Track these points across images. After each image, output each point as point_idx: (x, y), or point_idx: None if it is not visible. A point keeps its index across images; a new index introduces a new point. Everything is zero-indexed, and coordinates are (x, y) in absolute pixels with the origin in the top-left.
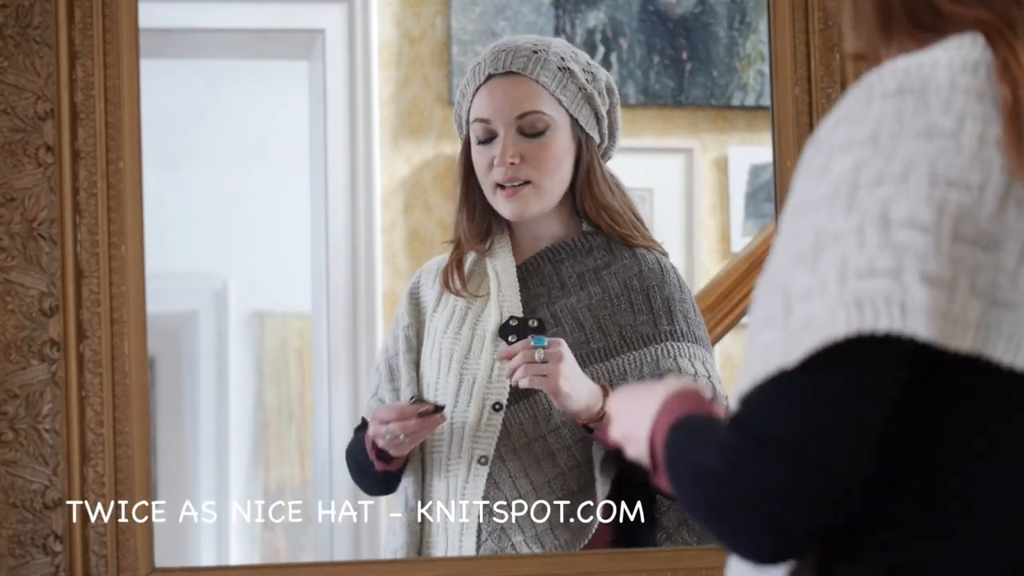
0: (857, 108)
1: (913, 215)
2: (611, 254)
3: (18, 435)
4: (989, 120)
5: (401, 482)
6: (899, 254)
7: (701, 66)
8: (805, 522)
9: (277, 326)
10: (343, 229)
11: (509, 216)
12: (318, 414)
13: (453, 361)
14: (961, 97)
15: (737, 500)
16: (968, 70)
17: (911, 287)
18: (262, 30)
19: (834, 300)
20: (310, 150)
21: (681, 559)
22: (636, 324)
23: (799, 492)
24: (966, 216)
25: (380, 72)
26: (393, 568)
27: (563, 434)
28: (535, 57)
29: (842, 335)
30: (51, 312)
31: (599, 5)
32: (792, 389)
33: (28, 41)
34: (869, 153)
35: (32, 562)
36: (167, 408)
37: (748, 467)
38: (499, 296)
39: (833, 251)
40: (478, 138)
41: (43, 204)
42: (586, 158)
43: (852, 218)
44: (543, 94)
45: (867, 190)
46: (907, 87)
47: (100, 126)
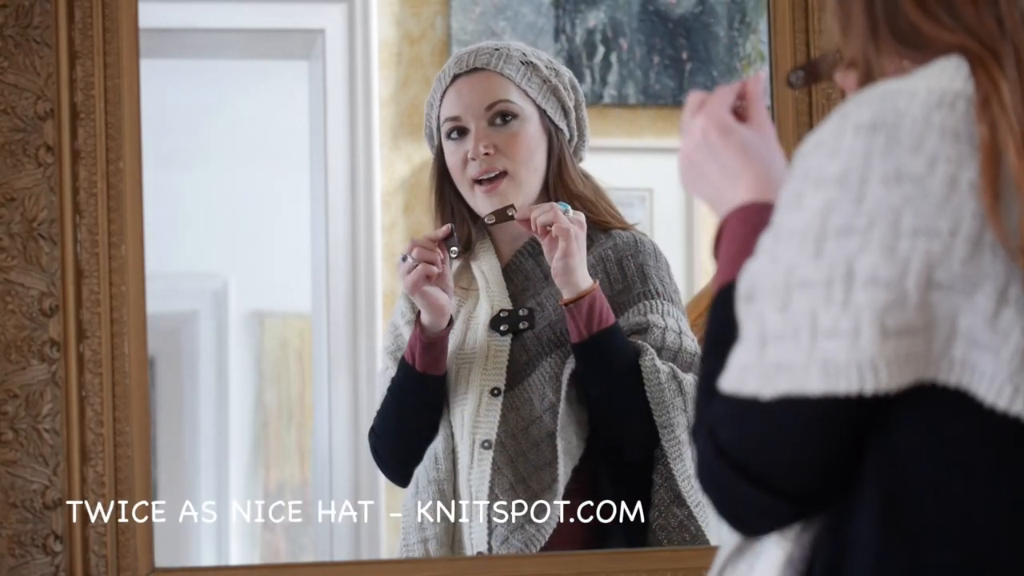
0: (831, 138)
1: (874, 272)
2: (588, 240)
3: (18, 435)
4: (963, 162)
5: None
6: (858, 314)
7: (701, 66)
8: (766, 529)
9: (277, 326)
10: (343, 229)
11: (488, 212)
12: (318, 414)
13: (449, 355)
14: (935, 137)
15: (707, 491)
16: (945, 105)
17: (870, 346)
18: (262, 30)
19: (807, 356)
20: (310, 150)
21: (681, 559)
22: (613, 294)
23: (758, 505)
24: (938, 263)
25: (380, 72)
26: (393, 568)
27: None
28: (497, 53)
29: (819, 394)
30: (51, 312)
31: (599, 5)
32: (760, 419)
33: (28, 41)
34: (837, 196)
35: (32, 562)
36: (167, 408)
37: (713, 473)
38: (488, 292)
39: (803, 298)
40: (448, 136)
41: (43, 204)
42: (557, 148)
43: (821, 267)
44: (509, 85)
45: (835, 240)
46: (880, 121)
47: (100, 126)
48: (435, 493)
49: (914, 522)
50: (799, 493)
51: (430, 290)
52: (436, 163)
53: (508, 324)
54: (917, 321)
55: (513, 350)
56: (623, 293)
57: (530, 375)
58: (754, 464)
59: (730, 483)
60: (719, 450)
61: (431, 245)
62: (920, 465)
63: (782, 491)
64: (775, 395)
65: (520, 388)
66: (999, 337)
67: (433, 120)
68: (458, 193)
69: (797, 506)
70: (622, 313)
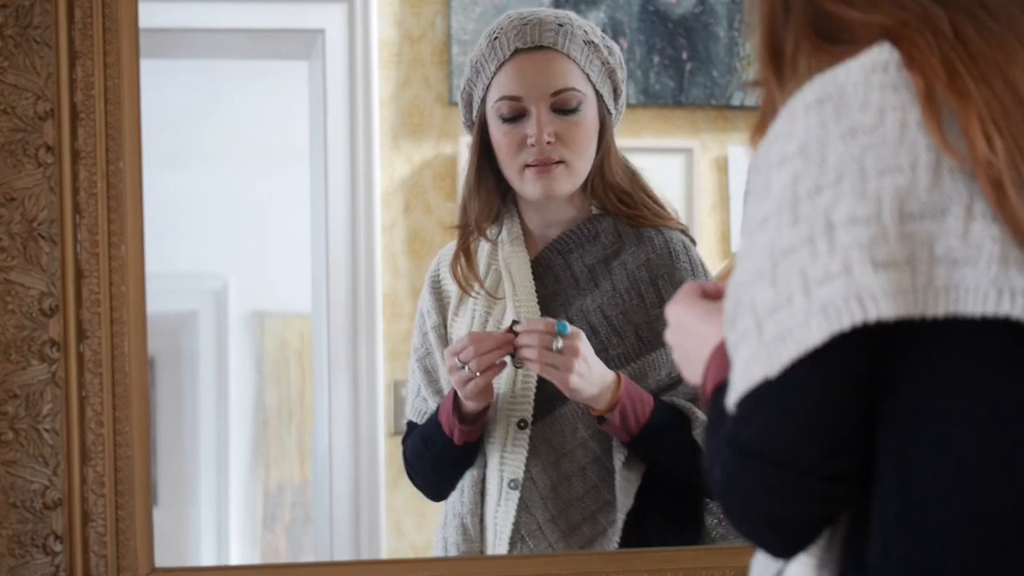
0: (784, 126)
1: (852, 213)
2: (619, 240)
3: (18, 435)
4: (907, 107)
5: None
6: (845, 253)
7: (701, 66)
8: (804, 520)
9: (277, 326)
10: (343, 229)
11: (537, 196)
12: (318, 414)
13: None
14: (876, 93)
15: (740, 508)
16: (879, 69)
17: (864, 279)
18: (262, 30)
19: (804, 311)
20: (310, 150)
21: (681, 559)
22: (650, 320)
23: (794, 493)
24: (906, 195)
25: (380, 72)
26: (393, 568)
27: (591, 447)
28: (562, 30)
29: (819, 341)
30: (51, 312)
31: (599, 5)
32: (777, 397)
33: (28, 41)
34: (802, 164)
35: (32, 562)
36: (167, 408)
37: (743, 478)
38: (515, 300)
39: (790, 264)
40: (504, 117)
41: (43, 204)
42: (608, 134)
43: (800, 230)
44: (574, 69)
45: (807, 201)
46: (824, 95)
47: (100, 126)
48: (458, 528)
49: (930, 472)
50: (827, 468)
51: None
52: (478, 137)
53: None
54: (900, 254)
55: (541, 376)
56: (660, 320)
57: (560, 406)
58: (780, 446)
59: (758, 481)
60: (742, 450)
61: (495, 352)
62: (925, 406)
63: (810, 469)
64: (783, 366)
65: (550, 419)
66: (974, 250)
67: (480, 89)
68: (497, 170)
69: (829, 480)
70: (664, 344)
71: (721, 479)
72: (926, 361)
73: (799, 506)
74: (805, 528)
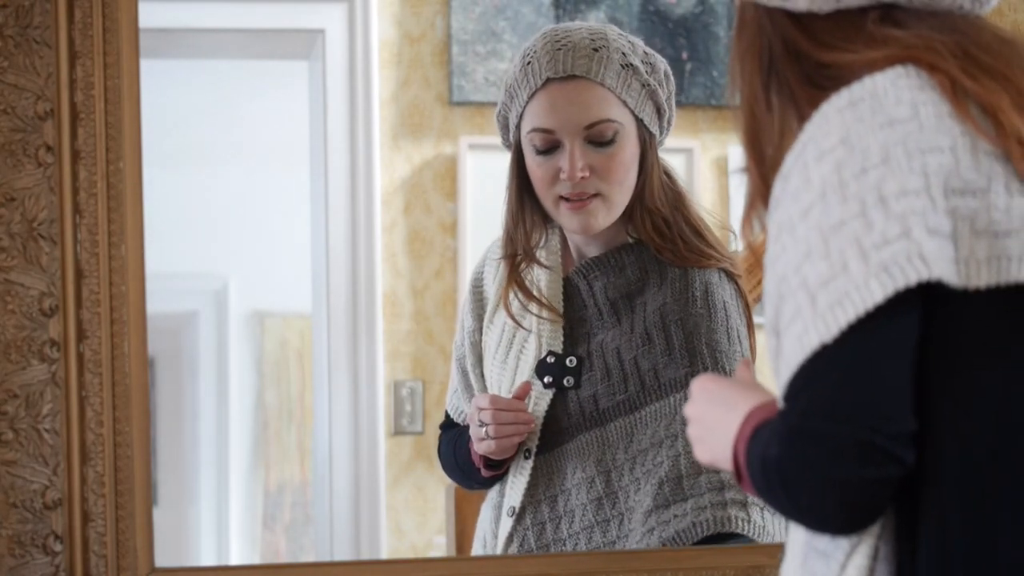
0: (817, 129)
1: (903, 186)
2: (644, 276)
3: (18, 435)
4: (937, 102)
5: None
6: (903, 219)
7: (701, 66)
8: (870, 483)
9: (277, 326)
10: (343, 229)
11: (573, 230)
12: (318, 414)
13: (501, 391)
14: (907, 92)
15: (799, 478)
16: (903, 76)
17: (922, 241)
18: (262, 30)
19: (863, 274)
20: (310, 150)
21: (681, 559)
22: (657, 368)
23: (858, 455)
24: (949, 173)
25: (380, 72)
26: (393, 568)
27: (596, 486)
28: (597, 56)
29: (881, 299)
30: (51, 312)
31: (599, 5)
32: (836, 360)
33: (28, 41)
34: (844, 153)
35: (32, 562)
36: (167, 408)
37: (807, 445)
38: (539, 325)
39: (842, 237)
40: (536, 148)
41: (43, 204)
42: (649, 160)
43: (850, 206)
44: (609, 98)
45: (855, 180)
46: (857, 98)
47: (100, 126)
48: (480, 539)
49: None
50: (889, 427)
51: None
52: (515, 165)
53: (552, 375)
54: (945, 226)
55: (555, 405)
56: (668, 368)
57: (566, 443)
58: (841, 407)
59: (829, 445)
60: (802, 415)
61: (511, 427)
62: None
63: (873, 426)
64: (840, 330)
65: (554, 454)
66: (1017, 222)
67: (514, 116)
68: (535, 197)
69: (892, 438)
70: (667, 395)
71: (778, 453)
72: (974, 331)
73: (862, 468)
74: (869, 494)
